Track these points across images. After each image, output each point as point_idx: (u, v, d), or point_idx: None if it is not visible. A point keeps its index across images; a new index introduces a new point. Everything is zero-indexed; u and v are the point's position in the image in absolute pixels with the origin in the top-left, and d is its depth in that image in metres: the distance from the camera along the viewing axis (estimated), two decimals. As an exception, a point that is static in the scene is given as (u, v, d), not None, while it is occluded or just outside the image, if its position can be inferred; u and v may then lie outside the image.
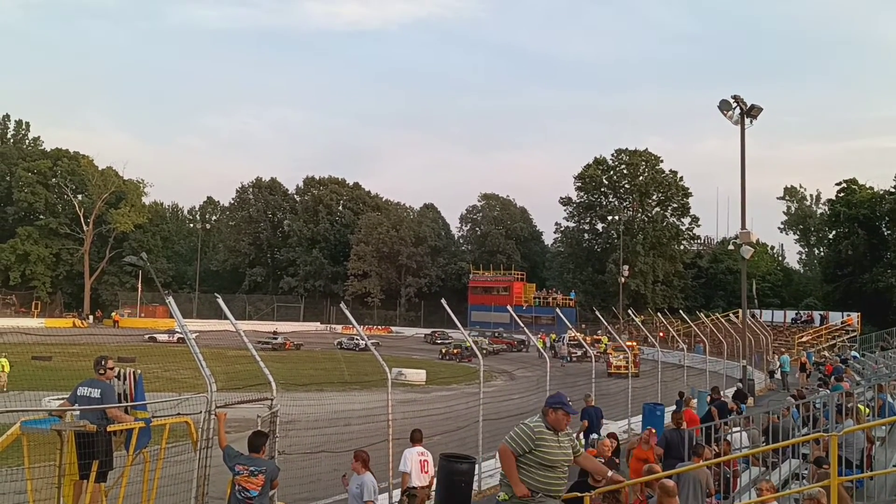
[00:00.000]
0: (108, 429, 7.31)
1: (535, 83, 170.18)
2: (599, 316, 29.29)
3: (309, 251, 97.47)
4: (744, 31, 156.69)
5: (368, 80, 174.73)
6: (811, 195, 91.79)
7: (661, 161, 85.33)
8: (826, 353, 45.13)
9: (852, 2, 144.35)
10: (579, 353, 48.37)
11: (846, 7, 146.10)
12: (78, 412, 7.37)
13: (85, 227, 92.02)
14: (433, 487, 11.03)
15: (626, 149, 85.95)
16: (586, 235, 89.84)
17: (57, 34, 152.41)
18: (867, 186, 73.04)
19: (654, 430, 13.35)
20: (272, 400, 9.36)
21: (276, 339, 57.52)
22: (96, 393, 7.65)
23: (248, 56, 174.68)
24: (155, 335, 57.63)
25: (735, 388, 24.19)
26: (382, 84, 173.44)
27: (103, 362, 8.08)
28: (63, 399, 8.01)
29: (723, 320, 44.12)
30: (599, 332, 57.95)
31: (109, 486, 7.62)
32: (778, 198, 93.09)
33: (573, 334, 48.69)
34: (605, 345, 49.47)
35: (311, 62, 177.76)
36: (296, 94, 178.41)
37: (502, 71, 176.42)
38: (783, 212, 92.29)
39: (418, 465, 10.76)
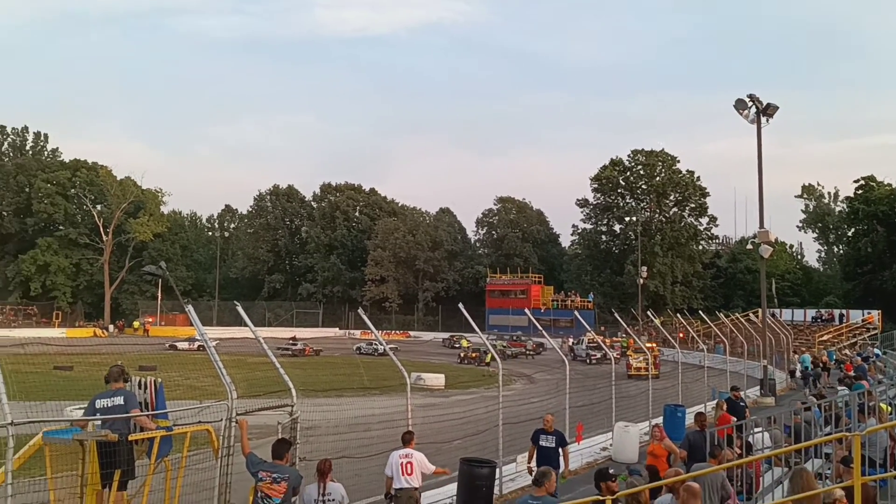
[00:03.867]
0: (130, 438, 7.35)
1: (549, 86, 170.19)
2: (618, 318, 29.09)
3: (327, 257, 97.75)
4: (756, 30, 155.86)
5: (380, 85, 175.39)
6: (829, 193, 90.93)
7: (678, 161, 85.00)
8: (847, 352, 44.69)
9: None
10: (598, 355, 48.20)
11: (858, 4, 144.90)
12: (99, 422, 7.41)
13: (104, 237, 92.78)
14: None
15: (643, 149, 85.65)
16: (604, 237, 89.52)
17: (69, 45, 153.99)
18: (885, 183, 72.33)
19: (660, 426, 14.07)
20: (293, 406, 9.40)
21: (295, 345, 57.61)
22: (119, 400, 7.69)
23: (261, 65, 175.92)
24: (175, 343, 57.85)
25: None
26: (395, 89, 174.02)
27: (125, 372, 8.14)
28: (84, 408, 8.06)
29: (742, 320, 43.77)
30: (619, 333, 57.69)
31: (132, 495, 7.65)
32: (796, 196, 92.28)
33: (592, 337, 48.67)
34: (625, 346, 49.40)
35: (322, 68, 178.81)
36: (309, 101, 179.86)
37: (515, 74, 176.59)
38: (801, 210, 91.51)
39: (399, 467, 10.73)
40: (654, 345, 43.00)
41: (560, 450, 13.18)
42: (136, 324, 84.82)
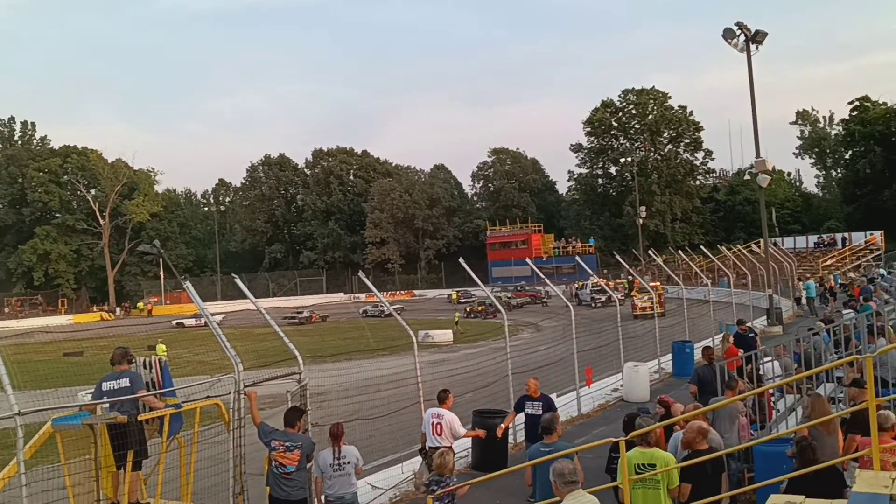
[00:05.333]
0: (139, 417, 7.33)
1: (534, 32, 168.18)
2: (620, 260, 29.06)
3: (325, 223, 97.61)
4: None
5: (364, 45, 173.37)
6: (824, 117, 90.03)
7: (670, 98, 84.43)
8: (852, 275, 44.69)
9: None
10: (603, 298, 48.35)
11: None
12: (107, 405, 7.39)
13: (101, 221, 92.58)
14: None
15: (633, 88, 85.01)
16: (600, 180, 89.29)
17: (47, 30, 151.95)
18: (881, 102, 71.69)
19: (665, 396, 11.25)
20: (300, 373, 9.38)
21: (301, 313, 57.91)
22: (125, 382, 7.65)
23: (239, 34, 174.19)
24: (182, 321, 58.10)
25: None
26: (379, 48, 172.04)
27: (129, 353, 8.09)
28: (92, 393, 8.04)
29: (745, 251, 43.62)
30: (622, 275, 57.79)
31: (147, 474, 7.68)
32: (790, 123, 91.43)
33: (595, 280, 48.78)
34: (628, 285, 49.51)
35: (303, 33, 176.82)
36: (292, 67, 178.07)
37: (498, 23, 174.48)
38: (797, 136, 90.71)
39: (430, 426, 10.72)
40: (658, 283, 43.06)
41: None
42: (140, 305, 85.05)
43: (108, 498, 7.30)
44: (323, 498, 8.99)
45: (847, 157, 78.89)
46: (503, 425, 11.86)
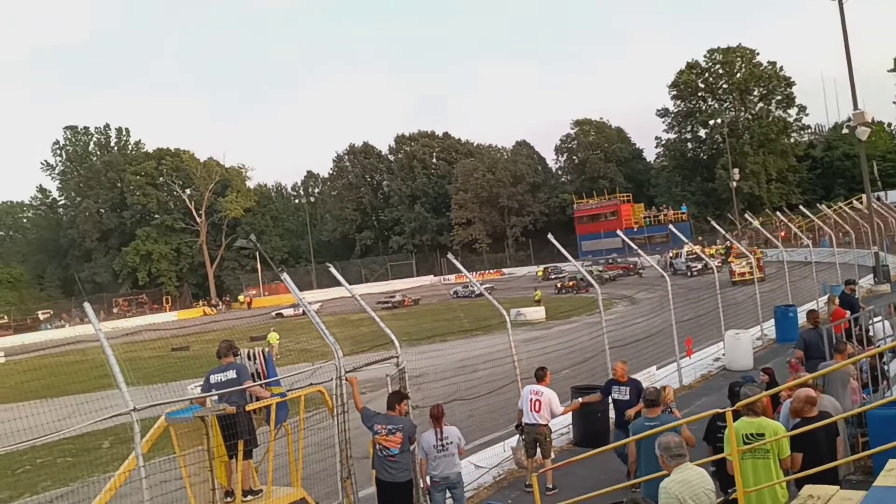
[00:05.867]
0: (247, 407, 7.56)
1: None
2: (715, 225, 28.30)
3: (411, 208, 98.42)
4: None
5: (434, 21, 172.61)
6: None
7: (758, 54, 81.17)
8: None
9: None
10: (699, 266, 47.20)
11: None
12: (216, 396, 7.65)
13: (198, 219, 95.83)
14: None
15: (719, 47, 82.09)
16: (689, 144, 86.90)
17: (120, 29, 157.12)
18: None
19: (792, 362, 11.21)
20: (397, 357, 9.52)
21: (394, 297, 58.68)
22: (232, 374, 7.90)
23: (310, 29, 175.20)
24: (281, 311, 59.61)
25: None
26: (449, 25, 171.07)
27: (234, 346, 8.34)
28: (201, 386, 8.33)
29: (846, 209, 41.86)
30: (717, 241, 56.33)
31: (258, 462, 7.93)
32: (888, 70, 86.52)
33: (690, 248, 47.67)
34: (725, 251, 48.18)
35: (374, 21, 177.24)
36: (365, 54, 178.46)
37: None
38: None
39: (529, 403, 10.71)
40: (756, 248, 41.79)
41: (640, 401, 9.72)
42: (240, 297, 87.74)
43: (223, 486, 7.57)
44: (428, 479, 9.12)
45: (953, 103, 74.57)
46: (582, 400, 11.62)
